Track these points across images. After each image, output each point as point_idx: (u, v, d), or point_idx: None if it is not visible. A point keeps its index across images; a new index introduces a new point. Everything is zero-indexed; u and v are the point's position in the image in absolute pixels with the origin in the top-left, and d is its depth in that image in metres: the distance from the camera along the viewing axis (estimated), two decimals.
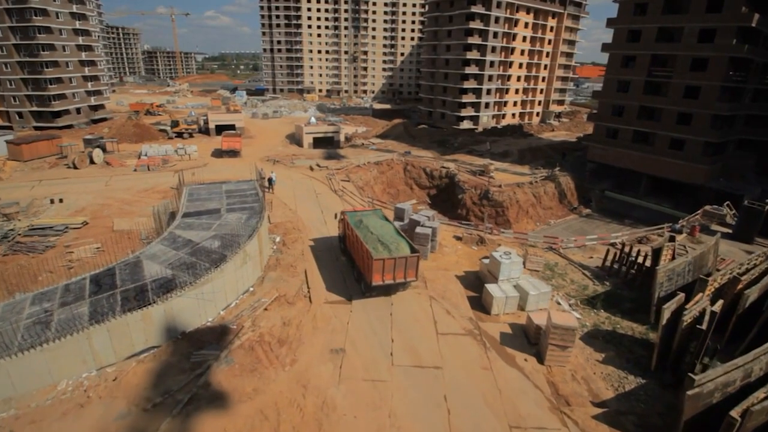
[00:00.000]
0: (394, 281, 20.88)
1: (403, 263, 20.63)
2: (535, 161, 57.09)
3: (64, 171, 43.45)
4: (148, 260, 20.28)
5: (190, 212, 24.66)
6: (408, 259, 20.70)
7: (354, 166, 47.72)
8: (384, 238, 22.06)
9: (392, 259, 20.36)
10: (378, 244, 21.61)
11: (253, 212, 24.74)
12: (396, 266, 20.50)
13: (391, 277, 20.62)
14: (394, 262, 20.37)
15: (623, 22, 50.02)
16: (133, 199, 34.53)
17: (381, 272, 20.30)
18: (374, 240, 21.94)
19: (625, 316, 21.64)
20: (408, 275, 21.03)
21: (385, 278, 20.52)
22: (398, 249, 21.30)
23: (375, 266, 20.07)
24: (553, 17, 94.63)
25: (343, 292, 21.85)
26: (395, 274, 20.65)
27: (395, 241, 22.00)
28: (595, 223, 45.15)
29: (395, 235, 22.97)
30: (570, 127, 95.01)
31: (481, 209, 42.06)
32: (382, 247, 21.33)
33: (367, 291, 21.46)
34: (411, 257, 20.82)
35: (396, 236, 22.77)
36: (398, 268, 20.57)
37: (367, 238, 22.05)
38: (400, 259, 20.50)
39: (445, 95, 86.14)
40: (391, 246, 21.43)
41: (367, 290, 21.45)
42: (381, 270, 20.25)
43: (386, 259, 20.25)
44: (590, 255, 28.71)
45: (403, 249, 21.45)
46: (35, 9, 68.29)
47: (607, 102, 52.69)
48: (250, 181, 30.33)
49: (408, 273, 20.95)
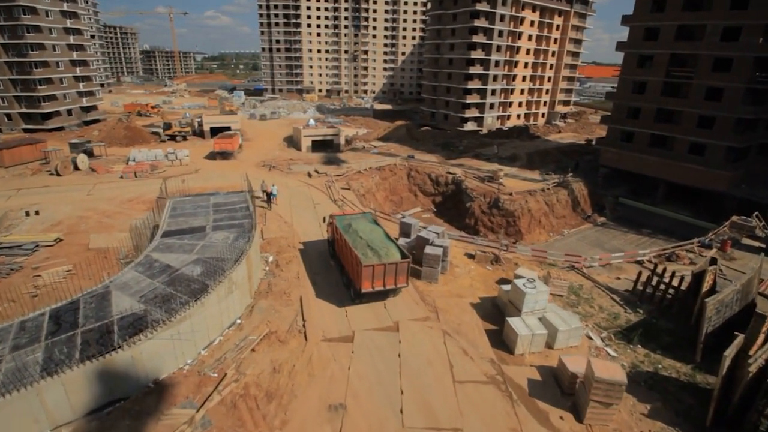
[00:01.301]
0: (385, 288, 20.20)
1: (394, 269, 20.00)
2: (544, 166, 54.35)
3: (45, 178, 40.71)
4: (118, 291, 17.58)
5: (171, 231, 21.94)
6: (398, 264, 20.06)
7: (354, 172, 45.00)
8: (374, 243, 21.30)
9: (382, 265, 19.72)
10: (367, 249, 20.85)
11: (243, 231, 22.02)
12: (386, 272, 19.89)
13: (381, 283, 19.98)
14: (384, 268, 19.76)
15: (640, 19, 47.28)
16: (115, 210, 31.80)
17: (371, 279, 19.68)
18: (363, 245, 21.18)
19: (666, 352, 18.93)
20: (399, 281, 20.37)
21: (375, 285, 19.88)
22: (388, 254, 20.58)
23: (365, 273, 19.42)
24: (559, 15, 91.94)
25: (342, 325, 19.13)
26: (385, 280, 20.03)
27: (385, 246, 21.21)
28: (612, 233, 42.41)
29: (385, 239, 22.24)
30: (577, 128, 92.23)
31: (490, 219, 39.36)
32: (372, 253, 20.56)
33: (357, 298, 20.74)
34: (401, 263, 20.15)
35: (386, 241, 22.04)
36: (388, 274, 19.98)
37: (356, 243, 21.37)
38: (390, 265, 19.89)
39: (449, 96, 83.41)
40: (381, 251, 20.67)
41: (356, 297, 20.76)
42: (371, 276, 19.64)
43: (376, 265, 19.60)
44: (617, 275, 25.99)
45: (394, 254, 20.70)
46: (24, 7, 65.60)
47: (621, 104, 49.91)
48: (241, 193, 27.58)
49: (399, 279, 20.31)
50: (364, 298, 20.63)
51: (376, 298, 20.92)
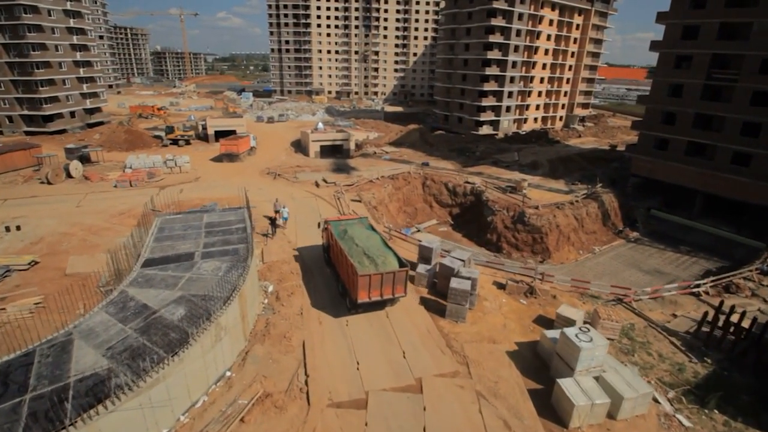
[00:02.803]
0: (382, 298, 19.42)
1: (391, 278, 19.16)
2: (569, 174, 50.59)
3: (35, 187, 38.00)
4: (82, 340, 14.49)
5: (154, 258, 18.82)
6: (396, 274, 19.22)
7: (365, 182, 41.70)
8: (370, 251, 20.33)
9: (379, 274, 18.89)
10: (364, 257, 19.96)
11: (237, 259, 18.82)
12: (383, 282, 19.04)
13: (378, 293, 19.18)
14: (381, 277, 18.93)
15: (677, 16, 43.38)
16: (103, 226, 28.85)
17: (367, 289, 18.83)
18: (360, 253, 20.27)
19: (748, 419, 15.40)
20: (396, 291, 19.53)
21: (371, 295, 19.08)
22: (385, 263, 19.64)
23: (361, 283, 18.59)
24: (579, 14, 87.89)
25: (353, 381, 15.77)
26: (383, 290, 19.19)
27: (382, 254, 20.25)
28: (647, 250, 38.61)
29: (382, 247, 21.30)
30: (597, 132, 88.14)
31: (515, 235, 35.80)
32: (369, 261, 19.68)
33: (353, 308, 19.94)
34: (399, 272, 19.29)
35: (383, 248, 21.12)
36: (386, 283, 19.14)
37: (352, 250, 20.50)
38: (387, 275, 19.05)
39: (463, 98, 79.84)
40: (377, 260, 19.72)
41: (352, 307, 19.94)
42: (367, 286, 18.79)
43: (373, 275, 18.77)
44: (672, 310, 22.35)
45: (391, 263, 19.77)
46: (25, 6, 63.52)
47: (656, 108, 46.00)
48: (238, 210, 24.40)
49: (396, 289, 19.47)
50: (361, 308, 19.79)
51: (373, 308, 20.06)
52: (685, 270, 35.81)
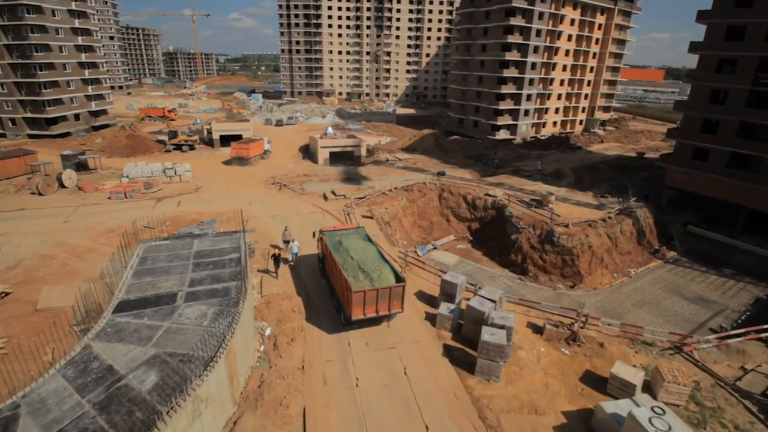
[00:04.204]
0: (377, 314, 18.60)
1: (387, 294, 18.34)
2: (596, 185, 46.94)
3: (25, 198, 35.56)
4: (29, 416, 11.62)
5: (129, 301, 15.93)
6: (393, 289, 18.38)
7: (377, 194, 38.61)
8: (365, 264, 19.45)
9: (374, 290, 18.08)
10: (359, 271, 19.06)
11: (227, 302, 15.84)
12: (379, 298, 18.26)
13: (373, 310, 18.40)
14: (376, 293, 18.13)
15: (720, 15, 39.58)
16: (89, 246, 26.18)
17: (362, 305, 18.08)
18: (354, 267, 19.38)
19: None
20: (393, 307, 18.77)
21: (366, 311, 18.31)
22: (381, 278, 18.77)
23: (355, 299, 17.80)
24: (602, 13, 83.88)
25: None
26: (378, 306, 18.42)
27: (378, 268, 19.29)
28: (688, 273, 34.96)
29: (378, 260, 20.30)
30: (620, 137, 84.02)
31: (542, 256, 32.42)
32: (363, 276, 18.80)
33: (348, 325, 19.11)
34: (396, 287, 18.43)
35: (379, 261, 20.09)
36: (381, 299, 18.35)
37: (346, 264, 19.62)
38: (383, 290, 18.24)
39: (479, 101, 76.41)
40: (373, 274, 18.84)
41: (347, 323, 19.09)
42: (362, 303, 18.03)
43: (368, 291, 17.98)
44: (740, 362, 18.88)
45: (387, 278, 18.87)
46: (28, 6, 61.67)
47: (694, 115, 42.19)
48: (234, 235, 21.40)
49: (393, 304, 18.71)
50: (356, 325, 18.95)
51: (369, 324, 19.24)
52: (733, 298, 32.15)
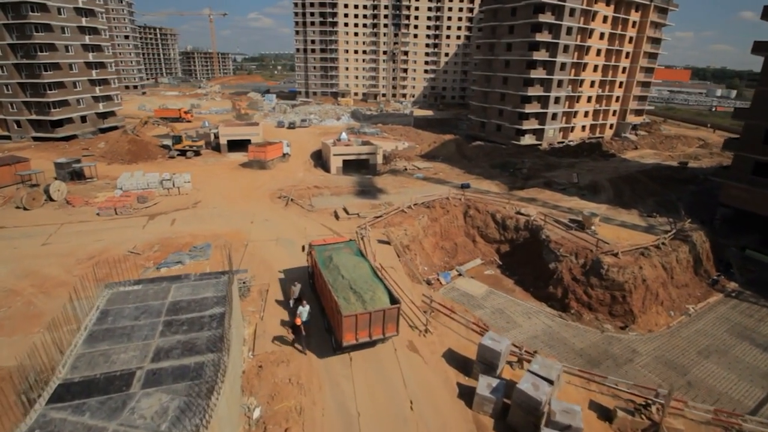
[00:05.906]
0: (370, 339, 17.14)
1: (381, 317, 16.82)
2: (640, 200, 41.85)
3: (9, 213, 32.18)
4: None
5: (72, 383, 12.02)
6: (386, 312, 16.91)
7: (395, 211, 34.39)
8: (357, 284, 17.89)
9: (367, 313, 16.55)
10: (350, 292, 17.52)
11: (199, 388, 11.83)
12: (372, 321, 16.71)
13: (366, 334, 16.91)
14: (369, 317, 16.59)
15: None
16: (62, 279, 22.59)
17: (354, 330, 16.53)
18: (345, 287, 17.85)
19: None
20: (387, 330, 17.29)
21: (359, 336, 16.78)
22: (374, 299, 17.25)
23: (346, 324, 16.26)
24: (636, 10, 78.13)
25: None
26: (371, 330, 16.94)
27: (371, 288, 17.76)
28: (756, 311, 29.87)
29: (371, 278, 18.71)
30: (654, 144, 78.10)
31: (587, 290, 27.75)
32: (355, 297, 17.29)
33: (339, 350, 17.70)
34: (390, 309, 17.00)
35: (372, 280, 18.54)
36: (375, 323, 16.82)
37: (336, 283, 18.09)
38: (376, 313, 16.72)
39: (503, 103, 71.54)
40: (365, 295, 17.33)
41: (338, 348, 17.64)
42: (354, 327, 16.47)
43: (360, 315, 16.42)
44: None
45: (381, 299, 17.38)
46: (33, 3, 59.22)
47: (757, 125, 36.93)
48: (220, 278, 17.34)
49: (387, 328, 17.24)
50: (348, 350, 17.67)
51: (361, 348, 17.89)
52: None
